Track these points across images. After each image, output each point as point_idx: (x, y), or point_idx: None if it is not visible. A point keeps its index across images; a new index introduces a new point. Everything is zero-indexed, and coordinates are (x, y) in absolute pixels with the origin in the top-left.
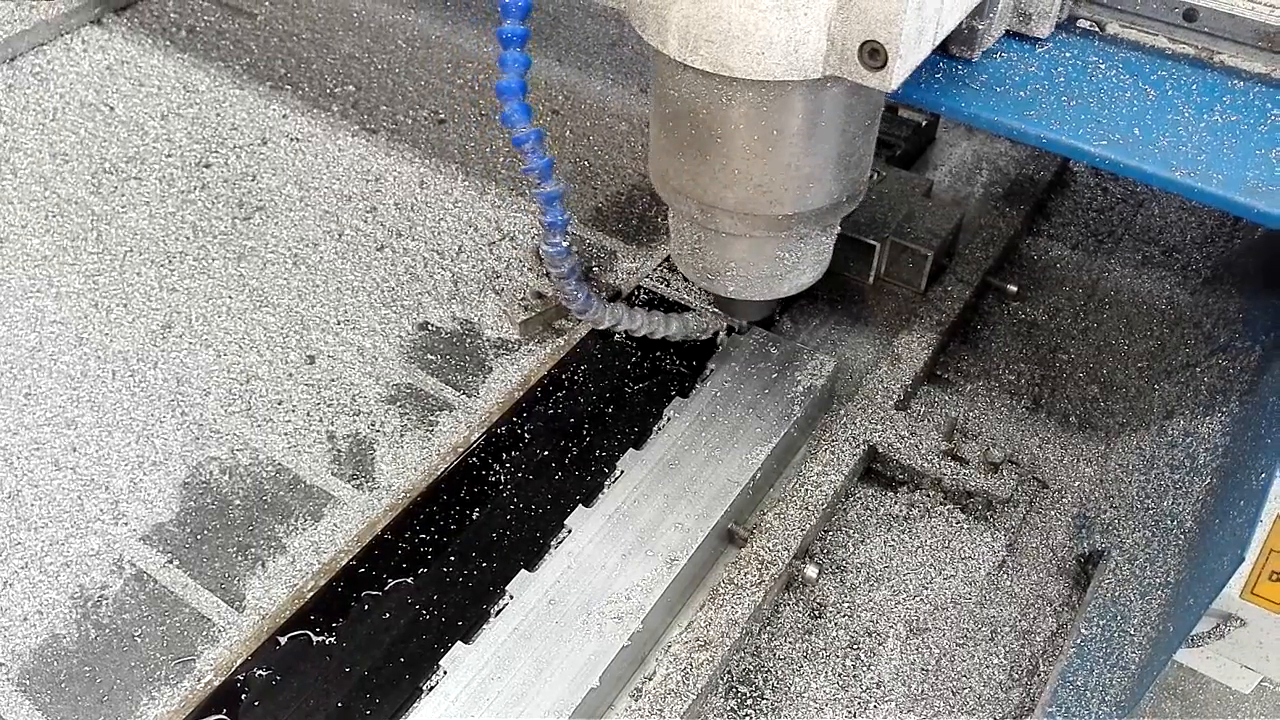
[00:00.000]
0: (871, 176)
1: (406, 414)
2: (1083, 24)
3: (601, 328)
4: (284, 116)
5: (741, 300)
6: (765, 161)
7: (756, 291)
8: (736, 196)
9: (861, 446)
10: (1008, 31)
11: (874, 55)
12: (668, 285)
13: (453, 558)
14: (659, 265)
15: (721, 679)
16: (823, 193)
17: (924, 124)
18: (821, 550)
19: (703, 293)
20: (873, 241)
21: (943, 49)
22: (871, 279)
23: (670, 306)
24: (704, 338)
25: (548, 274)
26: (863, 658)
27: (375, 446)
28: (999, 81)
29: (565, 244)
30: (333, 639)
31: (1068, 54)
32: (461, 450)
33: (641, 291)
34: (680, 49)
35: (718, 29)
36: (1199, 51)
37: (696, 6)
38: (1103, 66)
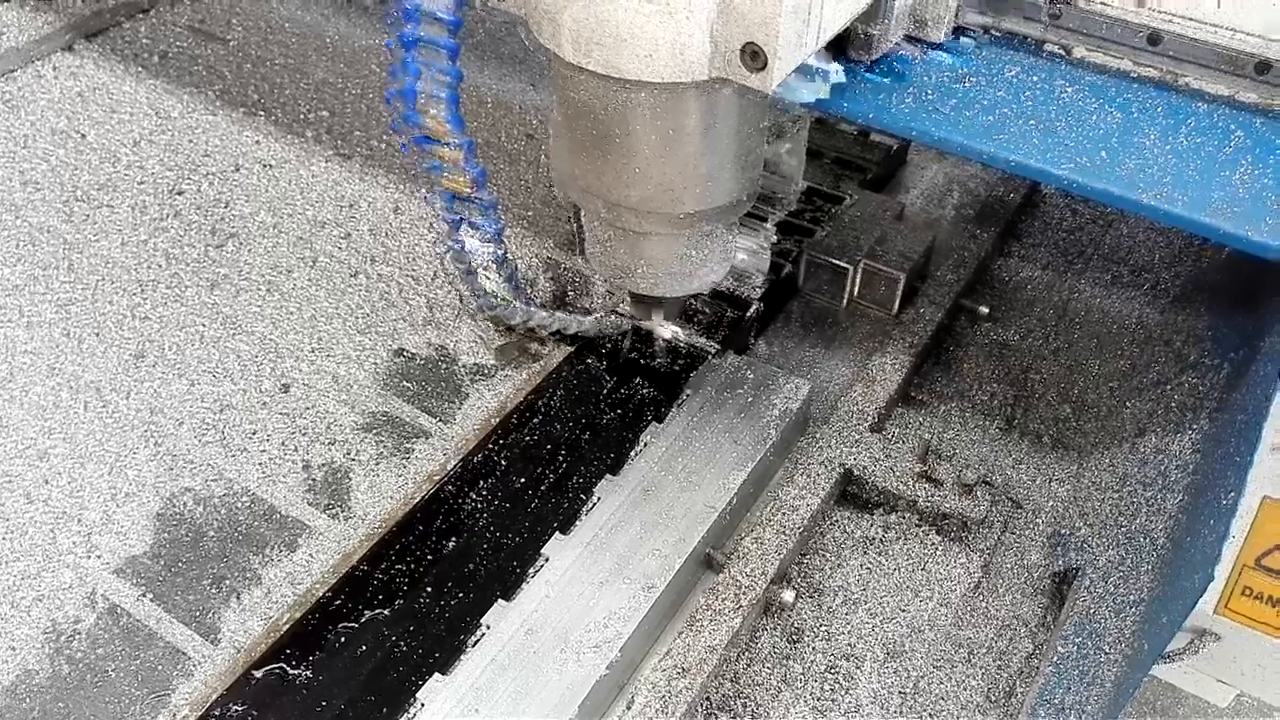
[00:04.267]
0: (844, 200)
1: (382, 442)
2: (1050, 48)
3: (512, 324)
4: (257, 143)
5: (653, 297)
6: (664, 161)
7: (666, 288)
8: (639, 195)
9: (837, 469)
10: (978, 56)
11: (754, 57)
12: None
13: (429, 589)
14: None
15: (700, 706)
16: (722, 191)
17: (895, 148)
18: (798, 574)
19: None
20: (845, 265)
21: (841, 52)
22: (845, 302)
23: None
24: (617, 334)
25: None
26: (840, 682)
27: (351, 475)
28: (968, 106)
29: (464, 243)
30: (308, 673)
31: (1035, 78)
32: (438, 478)
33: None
34: (574, 52)
35: (607, 32)
36: (1164, 75)
37: (586, 11)
38: (1070, 90)
